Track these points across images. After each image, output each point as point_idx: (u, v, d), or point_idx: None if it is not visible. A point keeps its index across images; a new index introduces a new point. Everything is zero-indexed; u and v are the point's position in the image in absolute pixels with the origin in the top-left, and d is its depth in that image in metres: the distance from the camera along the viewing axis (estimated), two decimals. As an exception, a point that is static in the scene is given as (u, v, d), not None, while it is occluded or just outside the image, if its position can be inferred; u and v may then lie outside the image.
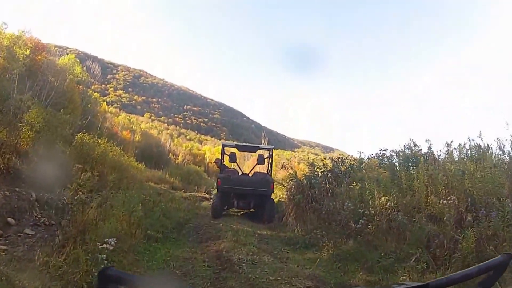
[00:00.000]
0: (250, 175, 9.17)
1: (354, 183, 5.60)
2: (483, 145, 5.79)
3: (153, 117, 49.95)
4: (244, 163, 15.06)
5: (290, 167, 7.99)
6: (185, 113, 60.67)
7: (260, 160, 9.51)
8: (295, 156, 26.34)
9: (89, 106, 15.79)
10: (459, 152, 6.45)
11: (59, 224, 4.03)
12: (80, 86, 15.94)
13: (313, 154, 35.72)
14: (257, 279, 3.56)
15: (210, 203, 10.72)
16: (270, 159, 9.19)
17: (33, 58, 11.71)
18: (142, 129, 26.93)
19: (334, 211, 5.76)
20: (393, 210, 4.88)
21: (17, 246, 3.61)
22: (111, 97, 50.41)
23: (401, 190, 5.18)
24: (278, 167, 10.94)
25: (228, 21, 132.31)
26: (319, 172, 7.32)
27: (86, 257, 2.87)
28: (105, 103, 24.74)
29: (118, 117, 25.78)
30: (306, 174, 7.60)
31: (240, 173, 9.39)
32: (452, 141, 6.46)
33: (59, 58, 15.71)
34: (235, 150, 9.80)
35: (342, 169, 7.14)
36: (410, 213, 4.73)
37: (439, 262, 3.67)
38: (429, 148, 6.94)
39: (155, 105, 58.49)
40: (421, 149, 6.98)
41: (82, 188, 4.81)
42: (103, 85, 51.03)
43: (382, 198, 4.94)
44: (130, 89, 59.20)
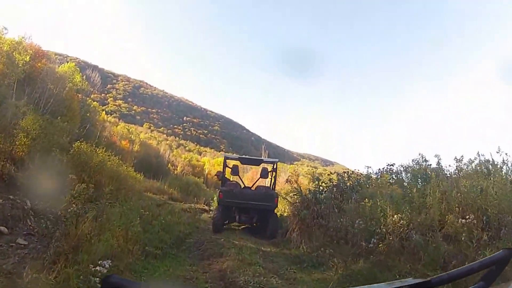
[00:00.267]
0: (253, 188, 8.90)
1: (366, 200, 5.36)
2: (497, 161, 5.64)
3: (152, 128, 49.92)
4: (243, 175, 14.79)
5: (295, 181, 7.74)
6: (185, 124, 60.68)
7: (264, 174, 9.30)
8: (295, 170, 26.08)
9: (88, 114, 15.70)
10: (467, 167, 6.31)
11: (50, 238, 3.76)
12: (80, 95, 15.86)
13: (313, 168, 35.55)
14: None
15: (210, 215, 10.43)
16: (274, 173, 8.98)
17: (33, 65, 11.61)
18: (141, 139, 26.74)
19: (342, 228, 5.52)
20: (405, 228, 4.66)
21: (7, 257, 3.43)
22: (111, 106, 50.50)
23: (413, 208, 4.97)
24: (281, 181, 10.68)
25: (230, 33, 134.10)
26: (324, 187, 7.08)
27: (77, 280, 2.60)
28: (104, 112, 24.63)
29: (117, 126, 25.64)
30: (310, 189, 7.36)
31: (243, 187, 9.12)
32: (462, 156, 6.33)
33: (59, 66, 15.60)
34: (237, 163, 9.57)
35: (348, 184, 6.93)
36: (424, 232, 4.52)
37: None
38: (438, 163, 6.80)
39: (155, 116, 58.49)
40: (430, 164, 6.81)
41: (76, 200, 4.54)
42: (102, 95, 51.05)
43: (395, 216, 4.69)
44: (129, 99, 59.34)
